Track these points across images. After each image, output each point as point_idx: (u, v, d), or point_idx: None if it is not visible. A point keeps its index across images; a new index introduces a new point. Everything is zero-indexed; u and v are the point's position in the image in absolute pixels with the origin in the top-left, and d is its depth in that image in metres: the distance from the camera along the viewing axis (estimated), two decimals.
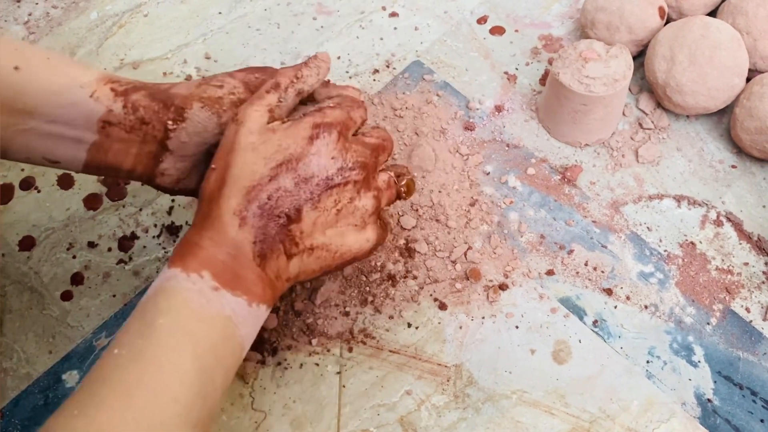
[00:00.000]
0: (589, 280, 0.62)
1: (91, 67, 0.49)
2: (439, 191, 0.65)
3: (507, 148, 0.69)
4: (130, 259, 0.63)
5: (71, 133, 0.47)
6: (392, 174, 0.53)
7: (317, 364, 0.58)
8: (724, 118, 0.70)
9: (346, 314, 0.60)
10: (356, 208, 0.49)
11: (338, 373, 0.58)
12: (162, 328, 0.40)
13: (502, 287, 0.61)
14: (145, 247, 0.64)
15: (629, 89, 0.72)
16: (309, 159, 0.46)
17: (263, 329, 0.59)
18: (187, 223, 0.65)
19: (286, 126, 0.46)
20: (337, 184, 0.47)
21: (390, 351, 0.59)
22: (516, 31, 0.77)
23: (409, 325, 0.60)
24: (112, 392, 0.38)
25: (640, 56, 0.73)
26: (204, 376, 0.41)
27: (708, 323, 0.60)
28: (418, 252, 0.62)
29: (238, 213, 0.44)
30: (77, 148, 0.48)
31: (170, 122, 0.48)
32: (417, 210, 0.64)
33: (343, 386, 0.57)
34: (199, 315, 0.41)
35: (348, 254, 0.50)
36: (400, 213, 0.64)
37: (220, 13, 0.78)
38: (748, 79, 0.68)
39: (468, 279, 0.62)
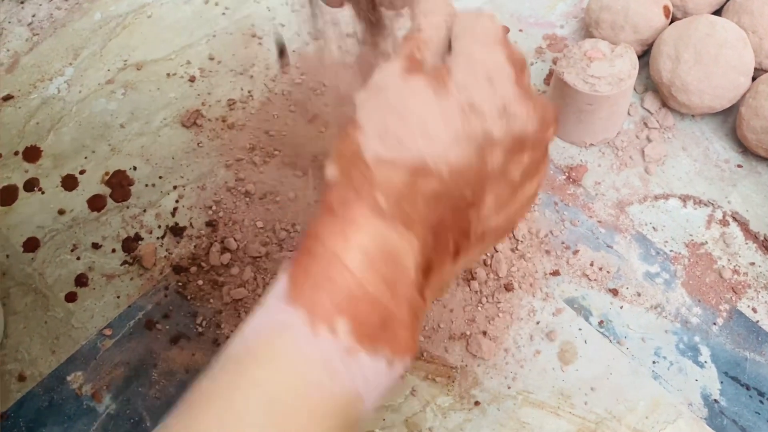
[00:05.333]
0: (595, 280, 0.62)
1: None
2: None
3: None
4: (135, 260, 0.63)
5: None
6: None
7: None
8: (729, 118, 0.70)
9: None
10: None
11: None
12: (255, 426, 0.28)
13: (507, 288, 0.61)
14: (148, 248, 0.64)
15: (634, 88, 0.71)
16: None
17: None
18: (191, 224, 0.65)
19: None
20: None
21: None
22: (520, 30, 0.77)
23: None
24: None
25: (645, 55, 0.73)
26: None
27: (714, 323, 0.60)
28: None
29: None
30: None
31: None
32: None
33: None
34: (311, 405, 0.29)
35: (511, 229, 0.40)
36: None
37: (223, 13, 0.78)
38: (753, 78, 0.68)
39: (473, 280, 0.61)
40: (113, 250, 0.64)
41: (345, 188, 0.31)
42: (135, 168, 0.68)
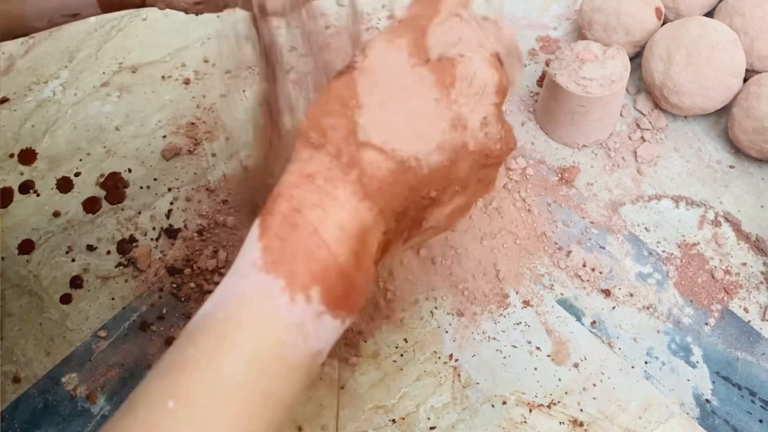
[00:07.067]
0: (588, 281, 0.62)
1: None
2: None
3: None
4: (129, 261, 0.64)
5: None
6: None
7: None
8: (721, 119, 0.71)
9: None
10: None
11: (337, 374, 0.58)
12: (238, 385, 0.30)
13: (500, 289, 0.62)
14: (143, 250, 0.64)
15: (627, 90, 0.72)
16: None
17: None
18: (185, 226, 0.65)
19: None
20: None
21: (388, 352, 0.59)
22: None
23: (408, 327, 0.60)
24: None
25: (637, 57, 0.73)
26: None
27: (706, 323, 0.60)
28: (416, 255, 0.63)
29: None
30: None
31: None
32: None
33: (342, 387, 0.58)
34: (288, 364, 0.31)
35: None
36: None
37: (218, 16, 0.79)
38: (745, 80, 0.68)
39: (467, 281, 0.62)
40: (108, 252, 0.64)
41: (330, 163, 0.33)
42: (130, 170, 0.69)
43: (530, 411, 0.57)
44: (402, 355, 0.59)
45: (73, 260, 0.64)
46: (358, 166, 0.33)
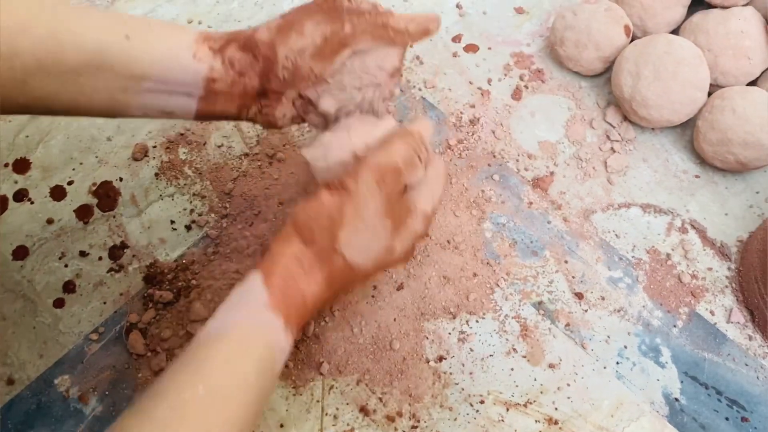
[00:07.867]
0: (561, 284, 0.64)
1: (186, 27, 0.54)
2: None
3: (482, 160, 0.71)
4: (120, 267, 0.65)
5: (181, 89, 0.51)
6: None
7: (300, 368, 0.60)
8: (687, 131, 0.73)
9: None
10: None
11: (321, 375, 0.59)
12: (249, 382, 0.43)
13: (477, 292, 0.63)
14: (134, 255, 0.65)
15: (597, 103, 0.74)
16: None
17: None
18: (173, 229, 0.67)
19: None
20: None
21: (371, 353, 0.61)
22: (489, 48, 0.79)
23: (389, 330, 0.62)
24: None
25: (607, 72, 0.76)
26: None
27: (674, 326, 0.62)
28: None
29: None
30: (188, 101, 0.52)
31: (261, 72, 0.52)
32: None
33: (330, 387, 0.59)
34: (277, 370, 0.46)
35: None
36: None
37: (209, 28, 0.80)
38: (709, 94, 0.70)
39: (448, 283, 0.64)
40: (100, 258, 0.65)
41: (313, 256, 0.48)
42: (121, 179, 0.69)
43: (507, 410, 0.58)
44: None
45: (66, 266, 0.65)
46: (330, 265, 0.48)
